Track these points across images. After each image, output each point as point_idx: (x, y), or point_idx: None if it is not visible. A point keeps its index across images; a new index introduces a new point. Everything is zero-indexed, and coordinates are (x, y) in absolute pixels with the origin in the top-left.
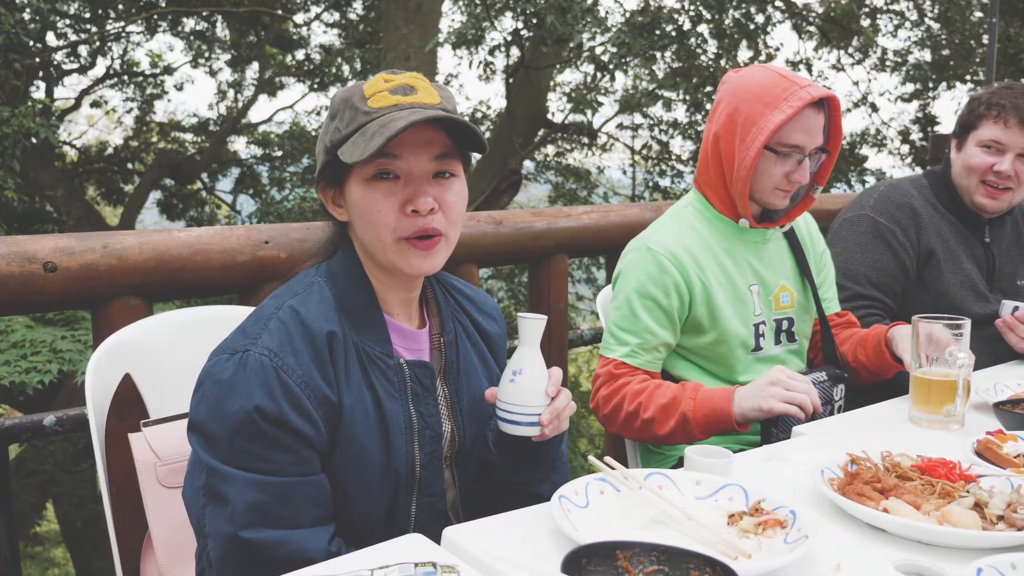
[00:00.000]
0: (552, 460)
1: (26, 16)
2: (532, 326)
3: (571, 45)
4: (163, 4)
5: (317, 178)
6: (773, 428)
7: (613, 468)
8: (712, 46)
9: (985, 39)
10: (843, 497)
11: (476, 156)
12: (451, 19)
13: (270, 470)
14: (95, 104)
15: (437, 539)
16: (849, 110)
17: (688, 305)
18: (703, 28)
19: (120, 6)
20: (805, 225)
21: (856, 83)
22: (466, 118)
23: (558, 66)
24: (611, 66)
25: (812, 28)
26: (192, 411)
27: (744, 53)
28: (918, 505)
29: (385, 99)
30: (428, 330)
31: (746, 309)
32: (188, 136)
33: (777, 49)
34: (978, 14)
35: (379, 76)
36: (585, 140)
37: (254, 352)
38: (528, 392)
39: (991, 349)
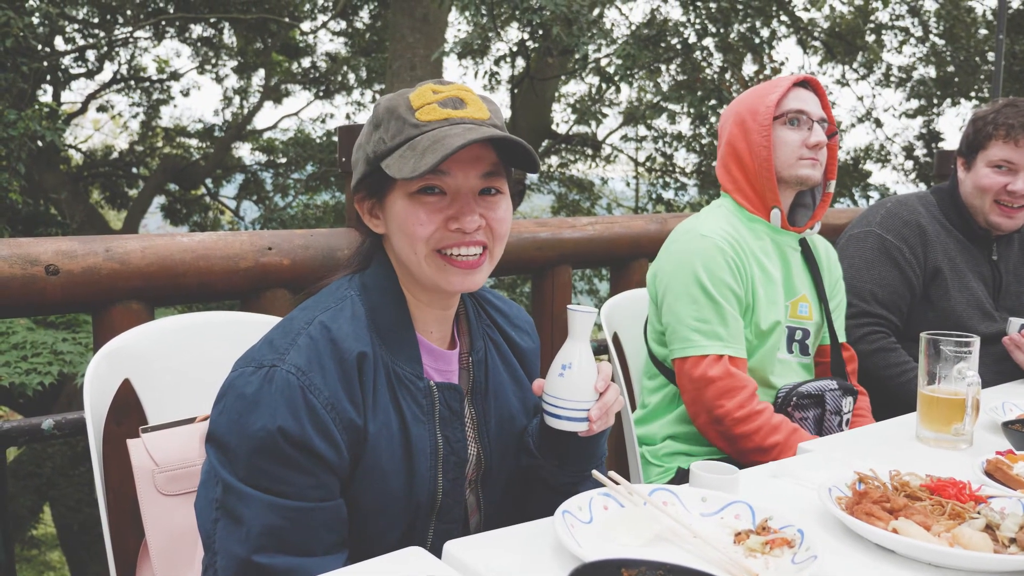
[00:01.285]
0: (599, 455)
1: (35, 20)
2: (582, 319)
3: (576, 57)
4: (171, 10)
5: (355, 188)
6: None
7: (617, 483)
8: (717, 59)
9: (990, 56)
10: (852, 517)
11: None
12: (457, 29)
13: (289, 493)
14: (101, 108)
15: None
16: (853, 125)
17: (742, 294)
18: (708, 41)
19: (128, 12)
20: (825, 251)
21: (860, 98)
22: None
23: (563, 77)
24: (616, 78)
25: (817, 43)
26: (212, 422)
27: (749, 67)
28: (928, 526)
29: (435, 112)
30: (459, 350)
31: (777, 306)
32: (193, 141)
33: (782, 63)
34: (983, 31)
35: (426, 87)
36: (589, 151)
37: (281, 369)
38: (578, 387)
39: (998, 367)
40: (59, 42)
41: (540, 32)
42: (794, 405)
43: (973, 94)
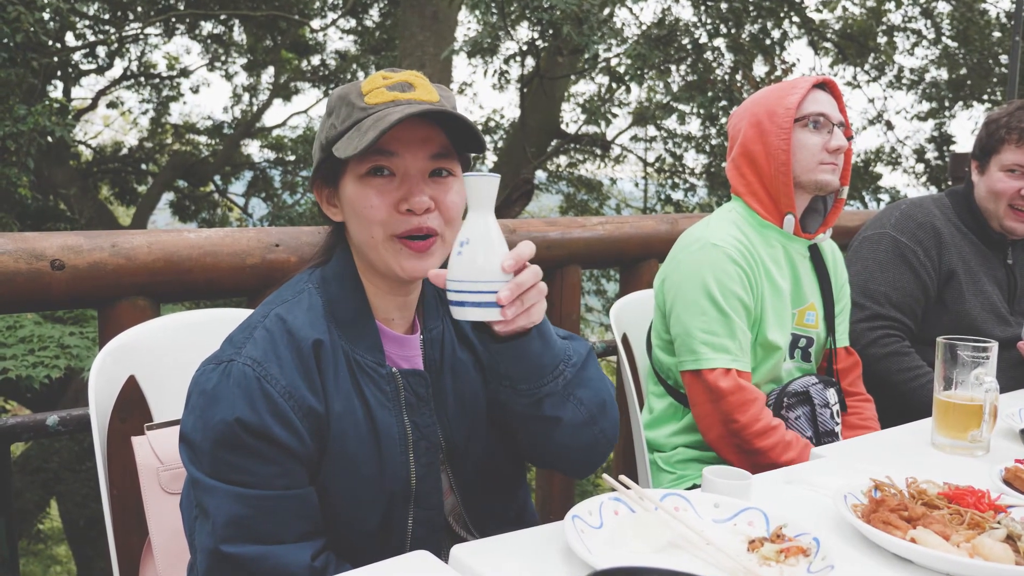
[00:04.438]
0: (547, 365)
1: (46, 16)
2: (480, 185)
3: (586, 56)
4: (181, 7)
5: (312, 177)
6: None
7: (628, 488)
8: (728, 60)
9: (1003, 58)
10: (869, 526)
11: (480, 160)
12: (467, 27)
13: (252, 483)
14: (111, 105)
15: (436, 554)
16: (864, 127)
17: (752, 306)
18: (719, 42)
19: (139, 8)
20: (831, 252)
21: (872, 100)
22: (467, 116)
23: (573, 77)
24: (627, 78)
25: (828, 44)
26: (182, 422)
27: (760, 68)
28: (947, 536)
29: (382, 95)
30: (419, 334)
31: (785, 317)
32: (202, 138)
33: (793, 65)
34: (996, 34)
35: (378, 74)
36: (598, 151)
37: (238, 362)
38: (479, 265)
39: (1013, 373)
40: (70, 38)
41: (550, 31)
42: (786, 406)
43: (986, 97)
